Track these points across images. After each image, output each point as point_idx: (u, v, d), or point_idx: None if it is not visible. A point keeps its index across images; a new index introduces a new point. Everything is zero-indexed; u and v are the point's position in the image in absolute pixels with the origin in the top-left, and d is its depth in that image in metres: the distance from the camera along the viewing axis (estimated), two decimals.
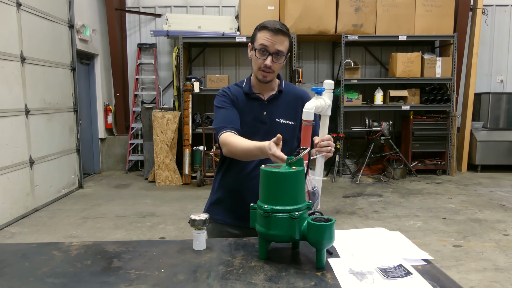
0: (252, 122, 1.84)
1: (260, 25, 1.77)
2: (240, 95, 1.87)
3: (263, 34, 1.74)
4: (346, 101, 7.23)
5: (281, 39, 1.73)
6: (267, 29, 1.73)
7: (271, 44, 1.72)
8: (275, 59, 1.75)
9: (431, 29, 7.19)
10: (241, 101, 1.86)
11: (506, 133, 7.53)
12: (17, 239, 4.39)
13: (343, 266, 1.32)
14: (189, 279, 1.26)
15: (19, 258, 1.44)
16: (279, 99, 1.88)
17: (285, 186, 1.33)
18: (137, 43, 7.95)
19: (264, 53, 1.74)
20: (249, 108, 1.85)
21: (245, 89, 1.88)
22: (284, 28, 1.74)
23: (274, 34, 1.72)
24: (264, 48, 1.73)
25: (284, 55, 1.76)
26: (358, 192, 6.21)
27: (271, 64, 1.75)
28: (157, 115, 6.79)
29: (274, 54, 1.74)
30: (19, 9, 5.05)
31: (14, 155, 4.92)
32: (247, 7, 7.02)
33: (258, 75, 1.81)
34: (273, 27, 1.72)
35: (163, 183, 6.84)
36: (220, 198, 1.94)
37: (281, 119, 1.85)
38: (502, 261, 3.66)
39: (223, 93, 1.88)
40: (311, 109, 1.57)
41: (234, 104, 1.84)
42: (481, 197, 5.86)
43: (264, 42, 1.73)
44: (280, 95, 1.88)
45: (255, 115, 1.85)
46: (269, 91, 1.89)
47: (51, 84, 5.80)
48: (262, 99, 1.87)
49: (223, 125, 1.78)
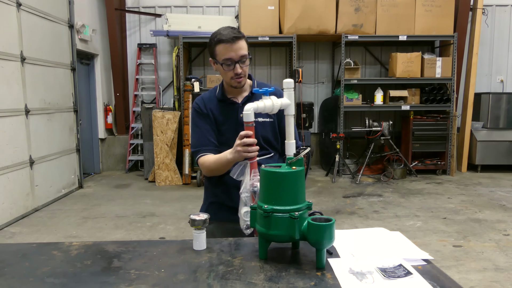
0: (231, 126, 1.87)
1: (214, 40, 1.80)
2: (214, 103, 1.94)
3: (222, 48, 1.78)
4: (346, 101, 7.23)
5: (239, 44, 1.78)
6: (223, 42, 1.77)
7: (234, 54, 1.78)
8: (241, 64, 1.81)
9: (431, 29, 7.19)
10: (216, 109, 1.93)
11: (506, 133, 7.53)
12: (17, 239, 4.39)
13: (343, 266, 1.32)
14: (189, 279, 1.26)
15: (19, 258, 1.44)
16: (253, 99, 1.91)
17: (285, 186, 1.33)
18: (137, 43, 7.95)
19: (230, 64, 1.79)
20: (226, 113, 1.90)
21: (218, 96, 1.94)
22: (237, 33, 1.79)
23: (232, 43, 1.77)
24: (229, 60, 1.79)
25: (247, 57, 1.82)
26: (358, 192, 6.21)
27: (240, 70, 1.81)
28: (157, 115, 6.79)
29: (239, 61, 1.79)
30: (19, 9, 5.05)
31: (14, 155, 4.92)
32: (247, 7, 7.02)
33: (232, 84, 1.87)
34: (227, 37, 1.76)
35: (163, 183, 6.84)
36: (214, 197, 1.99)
37: (259, 118, 1.88)
38: (502, 261, 3.66)
39: (196, 107, 1.96)
40: (249, 111, 1.60)
41: (208, 117, 1.91)
42: (481, 197, 5.86)
43: (226, 56, 1.78)
44: (254, 95, 1.91)
45: (233, 119, 1.89)
46: (243, 93, 1.95)
47: (51, 84, 5.80)
48: (237, 102, 1.92)
49: (198, 148, 1.90)
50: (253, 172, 1.62)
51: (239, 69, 1.80)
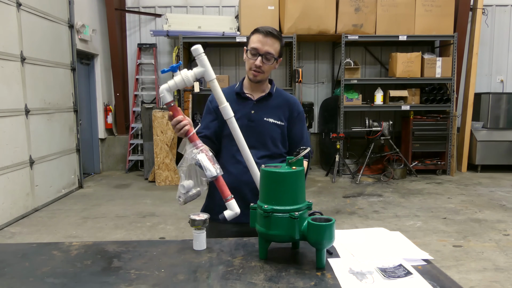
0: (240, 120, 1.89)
1: (254, 29, 1.92)
2: (230, 97, 1.97)
3: (255, 37, 1.88)
4: (346, 101, 7.23)
5: (271, 41, 1.86)
6: (258, 32, 1.87)
7: (261, 46, 1.85)
8: (264, 60, 1.87)
9: (431, 29, 7.19)
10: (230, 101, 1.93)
11: (506, 133, 7.53)
12: (17, 239, 4.39)
13: (343, 266, 1.32)
14: (189, 279, 1.26)
15: (19, 258, 1.44)
16: (268, 101, 1.98)
17: (285, 186, 1.33)
18: (137, 43, 7.95)
19: (255, 54, 1.87)
20: (238, 107, 1.93)
21: (236, 89, 2.02)
22: (275, 32, 1.88)
23: (264, 36, 1.85)
24: (255, 49, 1.86)
25: (273, 57, 1.88)
26: (358, 192, 6.21)
27: (260, 64, 1.87)
28: (157, 115, 6.79)
29: (263, 55, 1.86)
30: (19, 9, 5.05)
31: (14, 155, 4.92)
32: (247, 7, 7.02)
33: (249, 74, 1.94)
34: (264, 30, 1.86)
35: (163, 183, 6.84)
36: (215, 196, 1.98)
37: (270, 119, 1.94)
38: (502, 261, 3.66)
39: (207, 103, 2.06)
40: (162, 93, 1.61)
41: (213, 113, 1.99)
42: (481, 197, 5.86)
43: (254, 45, 1.86)
44: (270, 97, 1.99)
45: (244, 113, 1.95)
46: (259, 92, 2.01)
47: (51, 84, 5.80)
48: (252, 98, 1.98)
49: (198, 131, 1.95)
50: (193, 145, 1.61)
51: (259, 62, 1.86)
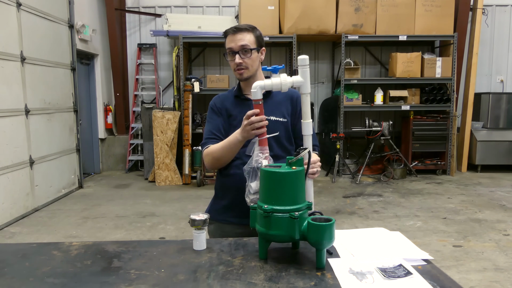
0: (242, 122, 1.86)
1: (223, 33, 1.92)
2: (230, 100, 1.98)
3: (227, 39, 1.88)
4: (346, 101, 7.23)
5: (241, 35, 1.85)
6: (227, 33, 1.88)
7: (234, 44, 1.85)
8: (242, 55, 1.85)
9: (431, 29, 7.19)
10: (230, 105, 1.97)
11: (506, 133, 7.53)
12: (17, 239, 4.39)
13: (343, 266, 1.32)
14: (189, 279, 1.26)
15: (19, 258, 1.44)
16: (269, 98, 1.94)
17: (285, 186, 1.33)
18: (137, 43, 7.95)
19: (232, 54, 1.87)
20: (239, 108, 1.92)
21: (234, 93, 2.00)
22: (243, 26, 1.87)
23: (233, 34, 1.85)
24: (230, 49, 1.87)
25: (250, 48, 1.85)
26: (358, 192, 6.21)
27: (240, 61, 1.85)
28: (157, 115, 6.79)
29: (239, 51, 1.84)
30: (19, 9, 5.05)
31: (14, 155, 4.92)
32: (247, 7, 7.01)
33: (236, 75, 1.93)
34: (231, 29, 1.87)
35: (163, 183, 6.84)
36: (222, 197, 1.97)
37: (271, 116, 1.90)
38: (502, 261, 3.66)
39: (212, 105, 2.01)
40: (255, 88, 1.62)
41: (219, 114, 1.97)
42: (481, 197, 5.86)
43: (228, 45, 1.87)
44: (270, 94, 1.94)
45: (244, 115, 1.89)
46: None
47: (51, 84, 5.80)
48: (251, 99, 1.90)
49: (204, 141, 1.94)
50: (260, 149, 1.62)
51: (238, 59, 1.84)
